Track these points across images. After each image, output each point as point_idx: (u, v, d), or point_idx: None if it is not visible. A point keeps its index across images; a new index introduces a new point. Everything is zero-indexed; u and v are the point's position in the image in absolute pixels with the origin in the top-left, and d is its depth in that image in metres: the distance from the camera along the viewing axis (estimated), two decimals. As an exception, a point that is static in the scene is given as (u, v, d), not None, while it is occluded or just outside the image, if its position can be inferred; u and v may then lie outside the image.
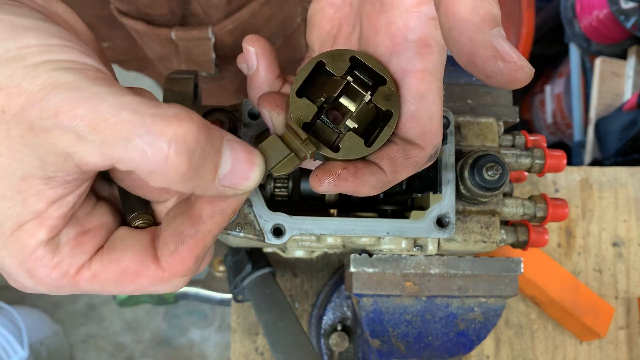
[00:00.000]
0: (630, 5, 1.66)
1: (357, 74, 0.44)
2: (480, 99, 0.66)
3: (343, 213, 0.64)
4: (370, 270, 0.61)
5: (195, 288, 1.66)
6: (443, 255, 0.62)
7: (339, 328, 0.90)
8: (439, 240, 0.59)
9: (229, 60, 0.88)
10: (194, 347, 2.22)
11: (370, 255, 0.62)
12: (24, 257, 0.34)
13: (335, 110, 0.45)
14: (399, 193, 0.60)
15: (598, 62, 1.80)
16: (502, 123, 0.64)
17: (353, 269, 0.61)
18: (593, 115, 1.77)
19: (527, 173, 0.72)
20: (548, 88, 2.09)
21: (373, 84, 0.44)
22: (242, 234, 0.53)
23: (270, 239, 0.53)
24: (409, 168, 0.43)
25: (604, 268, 1.04)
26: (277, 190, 0.62)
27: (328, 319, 0.92)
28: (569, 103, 1.94)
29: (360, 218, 0.55)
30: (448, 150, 0.56)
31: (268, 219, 0.53)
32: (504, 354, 1.00)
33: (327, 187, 0.41)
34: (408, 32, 0.42)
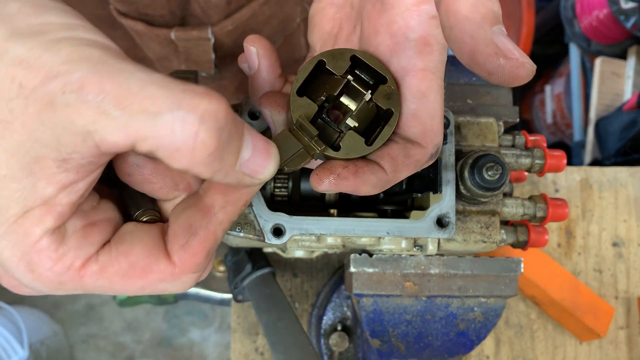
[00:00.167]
0: (630, 5, 1.66)
1: (358, 73, 0.44)
2: (480, 99, 0.66)
3: (343, 213, 0.64)
4: (370, 270, 0.61)
5: (195, 288, 1.67)
6: (443, 255, 0.62)
7: (339, 328, 0.90)
8: (439, 240, 0.59)
9: (229, 61, 0.88)
10: (194, 347, 2.22)
11: (370, 255, 0.62)
12: (27, 247, 0.31)
13: (337, 110, 0.45)
14: (399, 193, 0.60)
15: (598, 62, 1.80)
16: (502, 123, 0.64)
17: (353, 269, 0.61)
18: (593, 115, 1.77)
19: (527, 173, 0.72)
20: (548, 88, 2.09)
21: (374, 83, 0.44)
22: (242, 234, 0.53)
23: (270, 239, 0.53)
24: (410, 167, 0.43)
25: (604, 268, 1.04)
26: (277, 190, 0.62)
27: (328, 319, 0.92)
28: (569, 103, 1.94)
29: (360, 218, 0.55)
30: (448, 150, 0.56)
31: (268, 219, 0.53)
32: (504, 354, 1.00)
33: (327, 186, 0.41)
34: (408, 31, 0.42)
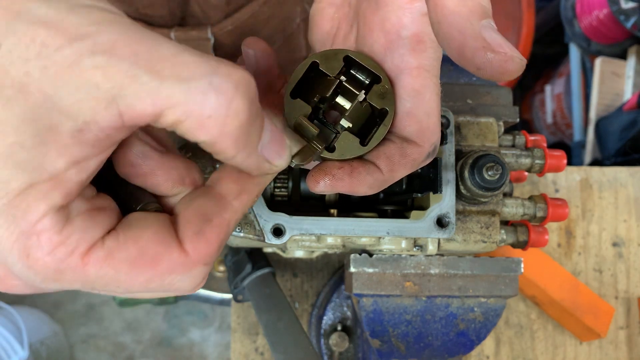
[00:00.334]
0: (630, 5, 1.66)
1: (353, 74, 0.44)
2: (480, 99, 0.66)
3: (343, 213, 0.64)
4: (370, 270, 0.61)
5: (195, 288, 1.67)
6: (443, 255, 0.62)
7: (339, 328, 0.90)
8: (439, 240, 0.59)
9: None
10: (194, 347, 2.22)
11: (370, 255, 0.62)
12: (27, 225, 0.28)
13: (334, 110, 0.45)
14: (399, 193, 0.60)
15: (598, 62, 1.80)
16: (502, 123, 0.64)
17: (353, 269, 0.61)
18: (593, 115, 1.77)
19: (527, 173, 0.72)
20: (548, 88, 2.09)
21: (369, 83, 0.44)
22: (242, 234, 0.53)
23: (270, 239, 0.53)
24: (407, 166, 0.43)
25: (604, 268, 1.04)
26: (277, 190, 0.62)
27: (328, 319, 0.92)
28: (569, 103, 1.94)
29: (360, 218, 0.55)
30: (448, 150, 0.56)
31: (268, 219, 0.53)
32: (504, 354, 1.00)
33: (323, 187, 0.41)
34: (401, 28, 0.41)
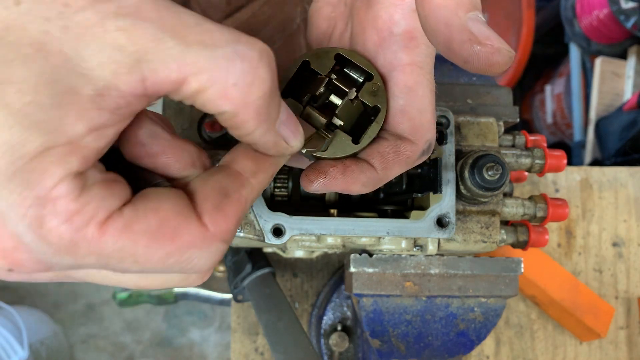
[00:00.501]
0: (630, 5, 1.66)
1: (346, 72, 0.44)
2: (480, 99, 0.66)
3: (343, 213, 0.64)
4: (370, 270, 0.61)
5: (195, 288, 1.67)
6: (443, 255, 0.62)
7: (339, 328, 0.90)
8: (439, 240, 0.59)
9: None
10: (194, 347, 2.22)
11: (370, 255, 0.62)
12: (42, 191, 0.26)
13: (327, 109, 0.45)
14: (399, 193, 0.60)
15: (598, 62, 1.80)
16: (502, 123, 0.64)
17: (353, 269, 0.61)
18: (593, 115, 1.77)
19: (527, 173, 0.72)
20: (548, 88, 2.09)
21: (363, 81, 0.44)
22: (242, 234, 0.53)
23: (270, 239, 0.53)
24: (401, 164, 0.42)
25: (604, 268, 1.04)
26: (277, 190, 0.62)
27: (328, 319, 0.92)
28: (569, 103, 1.94)
29: (360, 218, 0.55)
30: (448, 150, 0.55)
31: (268, 219, 0.53)
32: (504, 354, 1.00)
33: (317, 186, 0.41)
34: (393, 25, 0.41)
